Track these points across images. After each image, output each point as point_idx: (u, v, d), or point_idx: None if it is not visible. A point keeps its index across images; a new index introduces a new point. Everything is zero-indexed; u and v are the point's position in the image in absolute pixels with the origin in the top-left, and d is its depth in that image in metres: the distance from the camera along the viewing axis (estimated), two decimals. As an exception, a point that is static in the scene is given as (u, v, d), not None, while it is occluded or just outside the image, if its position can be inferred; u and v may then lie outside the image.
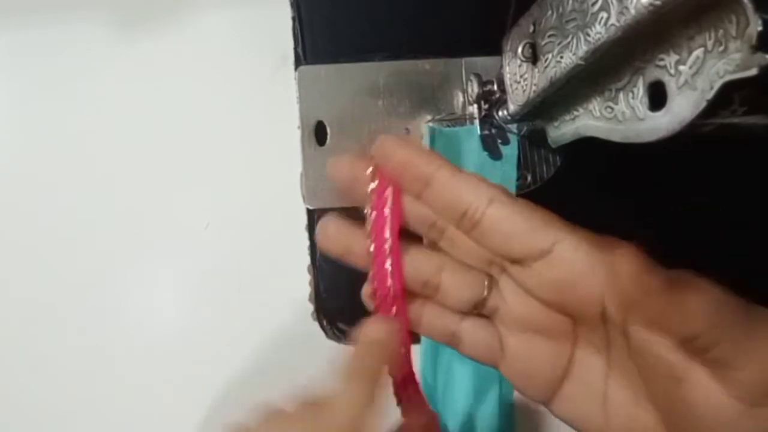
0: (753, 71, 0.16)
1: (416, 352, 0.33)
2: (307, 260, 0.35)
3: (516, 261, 0.22)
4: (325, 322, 0.34)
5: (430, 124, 0.34)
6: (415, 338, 0.32)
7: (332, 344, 0.34)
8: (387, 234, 0.24)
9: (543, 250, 0.21)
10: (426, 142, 0.33)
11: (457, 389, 0.33)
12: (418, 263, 0.23)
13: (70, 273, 0.35)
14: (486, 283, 0.23)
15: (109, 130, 0.36)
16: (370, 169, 0.24)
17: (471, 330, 0.23)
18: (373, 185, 0.24)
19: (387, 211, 0.24)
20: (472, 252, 0.23)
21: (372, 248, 0.24)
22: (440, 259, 0.23)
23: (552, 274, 0.21)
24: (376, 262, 0.24)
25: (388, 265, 0.24)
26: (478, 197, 0.21)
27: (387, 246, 0.24)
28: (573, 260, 0.20)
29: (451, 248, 0.23)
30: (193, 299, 0.35)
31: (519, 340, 0.23)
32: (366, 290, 0.24)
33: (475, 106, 0.33)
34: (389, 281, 0.24)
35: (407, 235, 0.24)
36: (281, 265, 0.35)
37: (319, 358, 0.35)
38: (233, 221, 0.35)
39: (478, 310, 0.23)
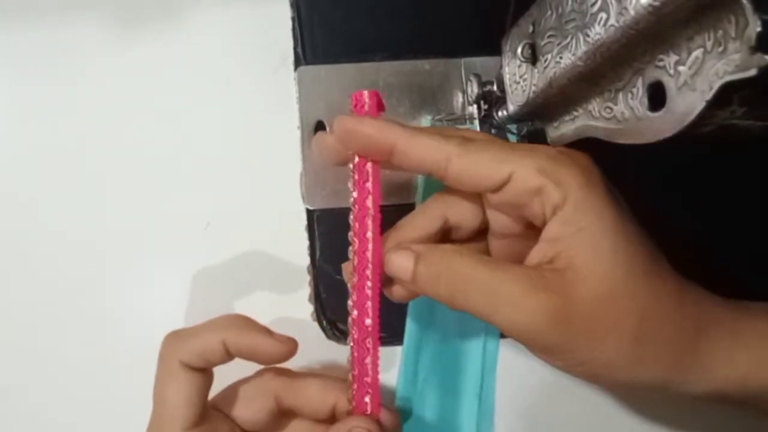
0: (752, 72, 0.16)
1: (397, 353, 0.33)
2: (307, 260, 0.35)
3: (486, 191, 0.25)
4: (324, 323, 0.34)
5: (431, 120, 0.34)
6: (395, 340, 0.33)
7: (332, 344, 0.35)
8: (369, 204, 0.25)
9: (503, 181, 0.24)
10: None
11: (436, 389, 0.33)
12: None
13: (70, 273, 0.35)
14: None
15: (108, 130, 0.36)
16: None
17: None
18: (354, 162, 0.26)
19: (368, 185, 0.25)
20: None
21: (354, 218, 0.26)
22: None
23: (511, 198, 0.24)
24: (358, 233, 0.26)
25: (368, 234, 0.25)
26: (437, 158, 0.24)
27: (369, 217, 0.25)
28: (526, 184, 0.23)
29: None
30: (193, 299, 0.35)
31: (502, 244, 0.28)
32: (347, 266, 0.27)
33: (475, 106, 0.33)
34: (369, 252, 0.25)
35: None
36: (281, 266, 0.35)
37: (319, 359, 0.35)
38: (233, 221, 0.36)
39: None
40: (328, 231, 0.35)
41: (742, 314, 0.24)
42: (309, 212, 0.35)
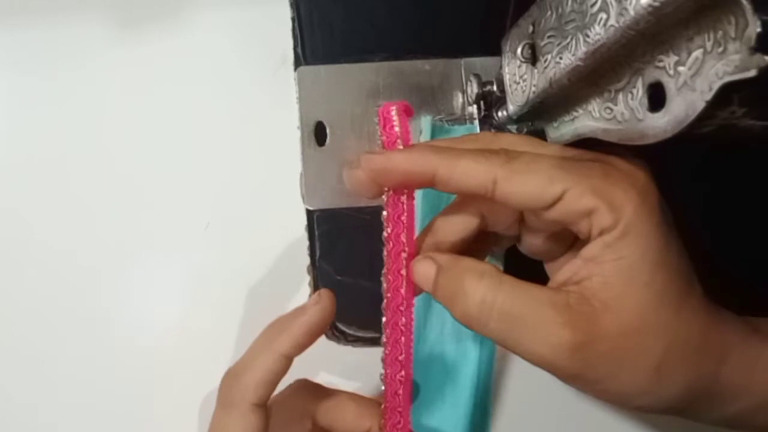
0: (752, 72, 0.16)
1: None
2: (307, 260, 0.35)
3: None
4: (324, 323, 0.34)
5: (430, 119, 0.34)
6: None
7: (332, 345, 0.35)
8: (404, 239, 0.24)
9: (554, 200, 0.22)
10: (426, 137, 0.33)
11: (432, 389, 0.33)
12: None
13: (70, 273, 0.35)
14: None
15: (108, 131, 0.36)
16: None
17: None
18: (387, 194, 0.24)
19: (403, 218, 0.24)
20: None
21: (388, 254, 0.25)
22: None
23: (559, 216, 0.23)
24: (391, 270, 0.25)
25: (403, 272, 0.25)
26: (482, 183, 0.22)
27: (404, 254, 0.25)
28: (578, 205, 0.22)
29: None
30: (193, 299, 0.35)
31: (534, 239, 0.27)
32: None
33: (475, 106, 0.33)
34: (403, 290, 0.25)
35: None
36: (281, 266, 0.35)
37: (319, 359, 0.35)
38: (233, 221, 0.36)
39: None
40: (328, 231, 0.35)
41: (764, 341, 0.23)
42: (309, 212, 0.35)
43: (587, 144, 0.25)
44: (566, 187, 0.22)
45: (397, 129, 0.24)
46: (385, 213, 0.24)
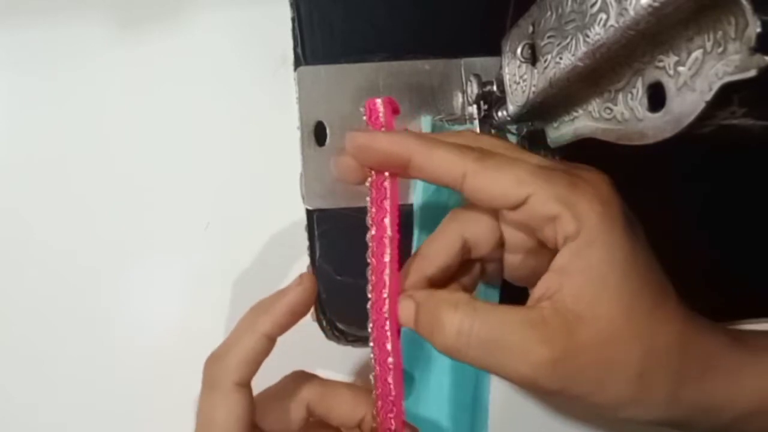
0: (752, 73, 0.16)
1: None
2: (307, 260, 0.35)
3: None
4: (324, 323, 0.34)
5: (430, 119, 0.34)
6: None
7: (332, 344, 0.35)
8: (387, 223, 0.25)
9: (519, 202, 0.23)
10: None
11: (432, 383, 0.33)
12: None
13: (70, 273, 0.35)
14: None
15: (108, 131, 0.36)
16: None
17: None
18: (371, 178, 0.25)
19: (387, 202, 0.25)
20: None
21: (372, 238, 0.25)
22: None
23: (525, 219, 0.24)
24: (375, 254, 0.25)
25: (386, 257, 0.25)
26: (454, 174, 0.23)
27: (387, 238, 0.25)
28: (543, 210, 0.23)
29: None
30: (193, 299, 0.35)
31: (516, 263, 0.27)
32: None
33: (475, 106, 0.33)
34: (387, 274, 0.25)
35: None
36: (281, 266, 0.35)
37: (319, 359, 0.35)
38: (233, 221, 0.36)
39: None
40: (328, 231, 0.35)
41: (745, 351, 0.23)
42: (309, 212, 0.35)
43: (583, 145, 0.25)
44: (531, 191, 0.23)
45: (382, 119, 0.25)
46: (368, 198, 0.25)
